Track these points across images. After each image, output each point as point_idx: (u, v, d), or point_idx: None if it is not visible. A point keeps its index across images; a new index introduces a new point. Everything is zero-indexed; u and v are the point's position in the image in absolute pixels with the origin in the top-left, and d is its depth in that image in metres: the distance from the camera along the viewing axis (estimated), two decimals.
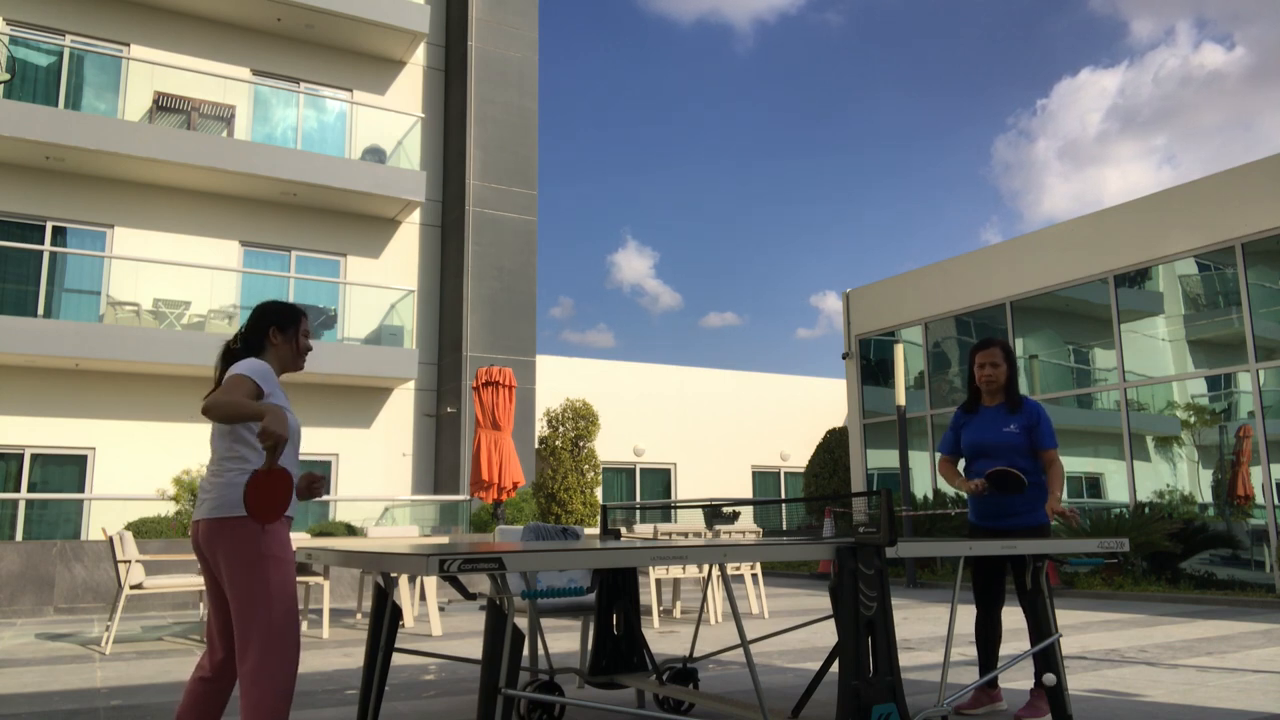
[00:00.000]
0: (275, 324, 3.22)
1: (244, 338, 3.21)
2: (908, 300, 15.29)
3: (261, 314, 3.24)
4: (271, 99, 15.95)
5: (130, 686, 5.30)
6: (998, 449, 4.40)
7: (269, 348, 3.21)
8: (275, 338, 3.21)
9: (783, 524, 22.84)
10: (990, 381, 4.49)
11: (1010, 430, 4.40)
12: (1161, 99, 53.05)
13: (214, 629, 3.05)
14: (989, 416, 4.50)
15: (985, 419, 4.50)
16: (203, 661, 3.04)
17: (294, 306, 3.30)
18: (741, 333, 50.90)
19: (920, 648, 6.53)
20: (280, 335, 3.22)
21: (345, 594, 10.92)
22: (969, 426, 4.56)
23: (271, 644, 2.82)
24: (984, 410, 4.55)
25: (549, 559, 2.68)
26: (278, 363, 3.23)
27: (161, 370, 14.05)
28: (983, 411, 4.54)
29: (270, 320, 3.22)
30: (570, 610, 4.62)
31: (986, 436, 4.45)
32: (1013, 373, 4.52)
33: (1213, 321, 11.49)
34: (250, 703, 2.78)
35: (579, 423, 16.70)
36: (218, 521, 2.90)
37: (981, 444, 4.46)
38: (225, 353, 3.21)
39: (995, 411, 4.49)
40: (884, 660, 3.15)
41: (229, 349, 3.21)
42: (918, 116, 56.40)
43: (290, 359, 3.25)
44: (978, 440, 4.48)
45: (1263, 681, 5.01)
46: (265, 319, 3.22)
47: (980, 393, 4.59)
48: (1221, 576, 10.79)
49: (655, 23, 56.93)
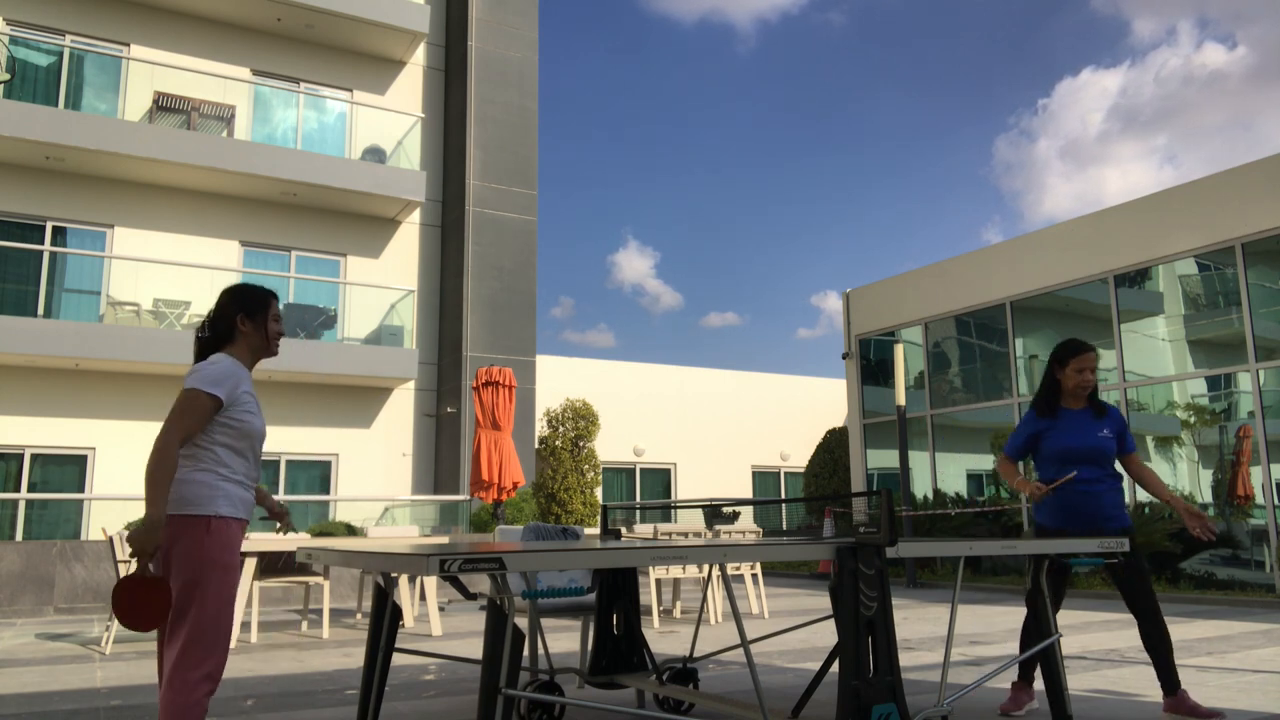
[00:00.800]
0: (243, 310, 3.02)
1: (211, 325, 3.02)
2: (908, 300, 15.29)
3: (227, 300, 3.02)
4: (271, 99, 15.95)
5: (130, 686, 5.30)
6: (1093, 454, 4.26)
7: (238, 336, 3.02)
8: (244, 325, 3.01)
9: (783, 524, 22.84)
10: (1086, 385, 4.34)
11: (1104, 435, 4.28)
12: (1163, 99, 53.08)
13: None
14: (1076, 421, 4.33)
15: (1072, 423, 4.33)
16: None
17: (262, 289, 3.09)
18: (742, 333, 50.94)
19: (920, 648, 6.53)
20: (249, 322, 3.02)
21: (345, 594, 10.92)
22: (1054, 431, 4.35)
23: (198, 640, 2.77)
24: (1066, 413, 4.36)
25: (549, 559, 2.68)
26: (248, 352, 3.04)
27: (161, 370, 14.05)
28: (1065, 415, 4.36)
29: (237, 306, 3.01)
30: (570, 610, 4.62)
31: (1079, 441, 4.28)
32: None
33: (1213, 321, 11.49)
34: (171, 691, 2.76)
35: (579, 423, 16.70)
36: (176, 517, 2.83)
37: (1073, 449, 4.28)
38: (197, 340, 3.05)
39: (1081, 416, 4.34)
40: (884, 660, 3.15)
41: (198, 337, 3.04)
42: (919, 116, 56.43)
43: (261, 347, 3.06)
44: (1068, 445, 4.29)
45: (1263, 681, 5.01)
46: (231, 305, 3.01)
47: (1060, 396, 4.41)
48: (1221, 576, 10.79)
49: (657, 23, 56.97)
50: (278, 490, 14.98)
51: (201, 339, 3.04)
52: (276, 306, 3.11)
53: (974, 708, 4.41)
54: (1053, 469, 4.35)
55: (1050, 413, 4.40)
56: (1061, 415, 4.38)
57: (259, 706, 4.65)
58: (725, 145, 56.62)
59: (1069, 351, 4.39)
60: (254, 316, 3.03)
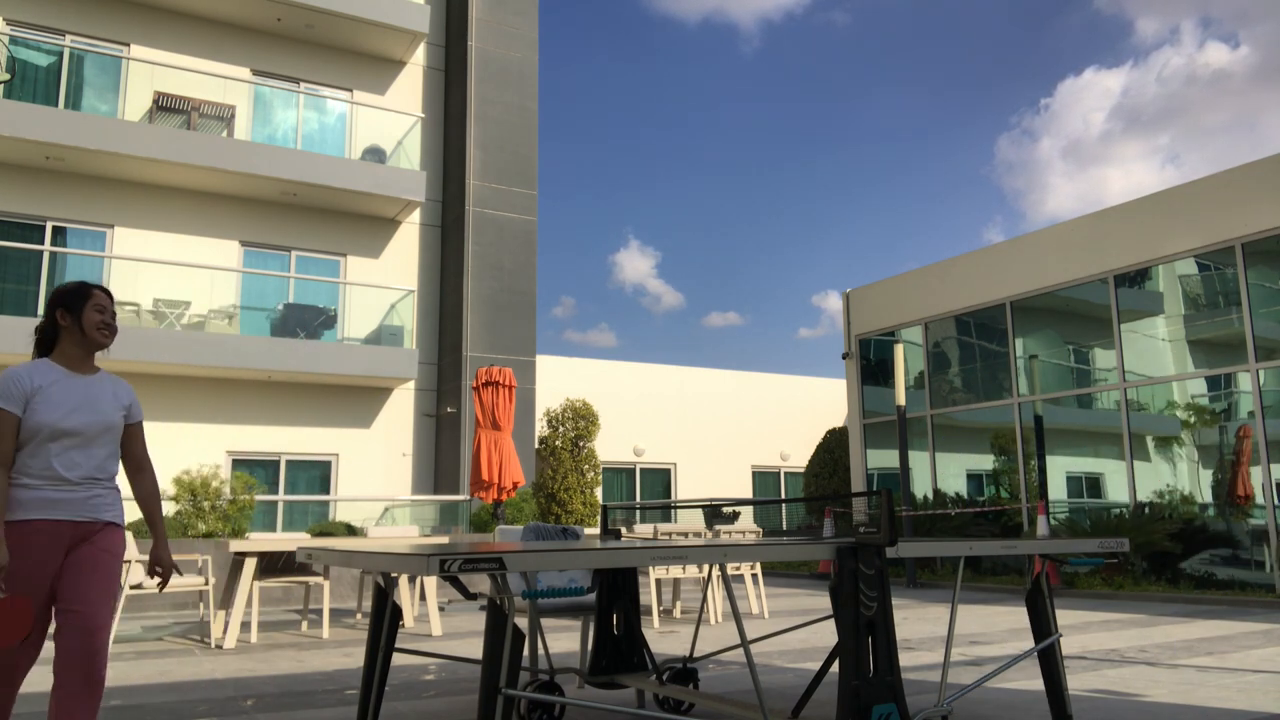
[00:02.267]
0: (62, 305, 3.10)
1: (39, 327, 3.15)
2: (908, 300, 15.29)
3: (50, 301, 3.14)
4: (271, 99, 15.95)
5: (130, 686, 5.30)
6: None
7: (61, 331, 3.11)
8: (64, 319, 3.10)
9: (783, 524, 22.84)
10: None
11: None
12: (1166, 98, 53.07)
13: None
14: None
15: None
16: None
17: (82, 284, 3.15)
18: (744, 333, 50.92)
19: (920, 648, 6.53)
20: (68, 316, 3.09)
21: (345, 594, 10.92)
22: None
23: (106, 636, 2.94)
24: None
25: (549, 559, 2.68)
26: (74, 346, 3.11)
27: (161, 370, 14.05)
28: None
29: (57, 304, 3.11)
30: (570, 610, 4.62)
31: None
32: None
33: (1213, 321, 11.50)
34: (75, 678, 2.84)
35: (579, 423, 16.70)
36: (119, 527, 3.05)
37: None
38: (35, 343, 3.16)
39: None
40: (884, 660, 3.15)
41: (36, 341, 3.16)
42: (921, 115, 56.42)
43: (80, 339, 3.11)
44: None
45: (1263, 681, 5.01)
46: (52, 304, 3.12)
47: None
48: (1221, 576, 10.79)
49: (660, 22, 56.95)
50: (278, 490, 14.99)
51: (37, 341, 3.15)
52: (101, 298, 3.15)
53: (974, 708, 4.41)
54: None
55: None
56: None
57: (259, 706, 4.65)
58: (727, 144, 56.64)
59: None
60: (72, 309, 3.10)
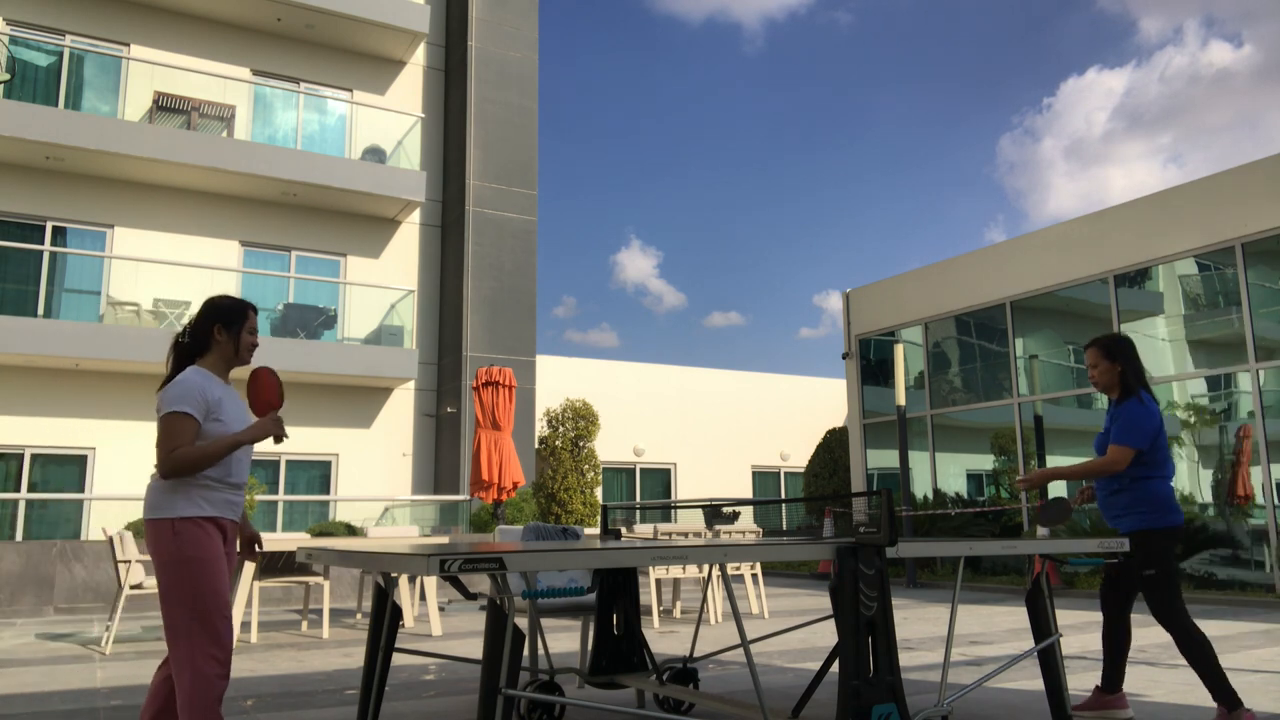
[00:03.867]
0: (220, 321, 3.20)
1: (190, 332, 3.21)
2: (908, 300, 15.29)
3: (208, 310, 3.22)
4: (272, 99, 15.95)
5: (130, 686, 5.30)
6: (1102, 447, 4.27)
7: (213, 345, 3.20)
8: (220, 335, 3.20)
9: (783, 524, 22.84)
10: (1095, 383, 4.34)
11: (1106, 428, 4.26)
12: (1169, 97, 53.06)
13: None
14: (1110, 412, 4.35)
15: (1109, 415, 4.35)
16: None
17: (241, 302, 3.27)
18: (745, 332, 50.92)
19: (920, 648, 6.53)
20: (225, 333, 3.20)
21: (345, 594, 10.92)
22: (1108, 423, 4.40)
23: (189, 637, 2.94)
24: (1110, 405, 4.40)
25: (549, 559, 2.68)
26: (221, 361, 3.22)
27: (162, 370, 14.00)
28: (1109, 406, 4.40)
29: (216, 317, 3.21)
30: (570, 610, 4.62)
31: (1101, 435, 4.33)
32: (1124, 365, 4.25)
33: (1213, 321, 11.49)
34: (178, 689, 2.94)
35: (579, 423, 16.70)
36: (147, 522, 3.05)
37: (1098, 442, 4.34)
38: (174, 346, 3.22)
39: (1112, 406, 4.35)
40: (884, 660, 3.15)
41: (178, 343, 3.22)
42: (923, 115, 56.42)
43: (232, 356, 3.23)
44: (1098, 439, 4.36)
45: (1263, 681, 5.01)
46: (211, 316, 3.21)
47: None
48: (1221, 576, 10.79)
49: (664, 22, 56.93)
50: (277, 490, 14.99)
51: (180, 344, 3.21)
52: (254, 320, 3.30)
53: (974, 708, 4.41)
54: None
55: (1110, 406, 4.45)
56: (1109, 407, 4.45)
57: (259, 706, 4.65)
58: (729, 144, 56.62)
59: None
60: (230, 327, 3.21)
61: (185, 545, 2.98)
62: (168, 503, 3.00)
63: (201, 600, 2.95)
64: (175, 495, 3.01)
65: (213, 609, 2.97)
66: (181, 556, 2.97)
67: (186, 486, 3.02)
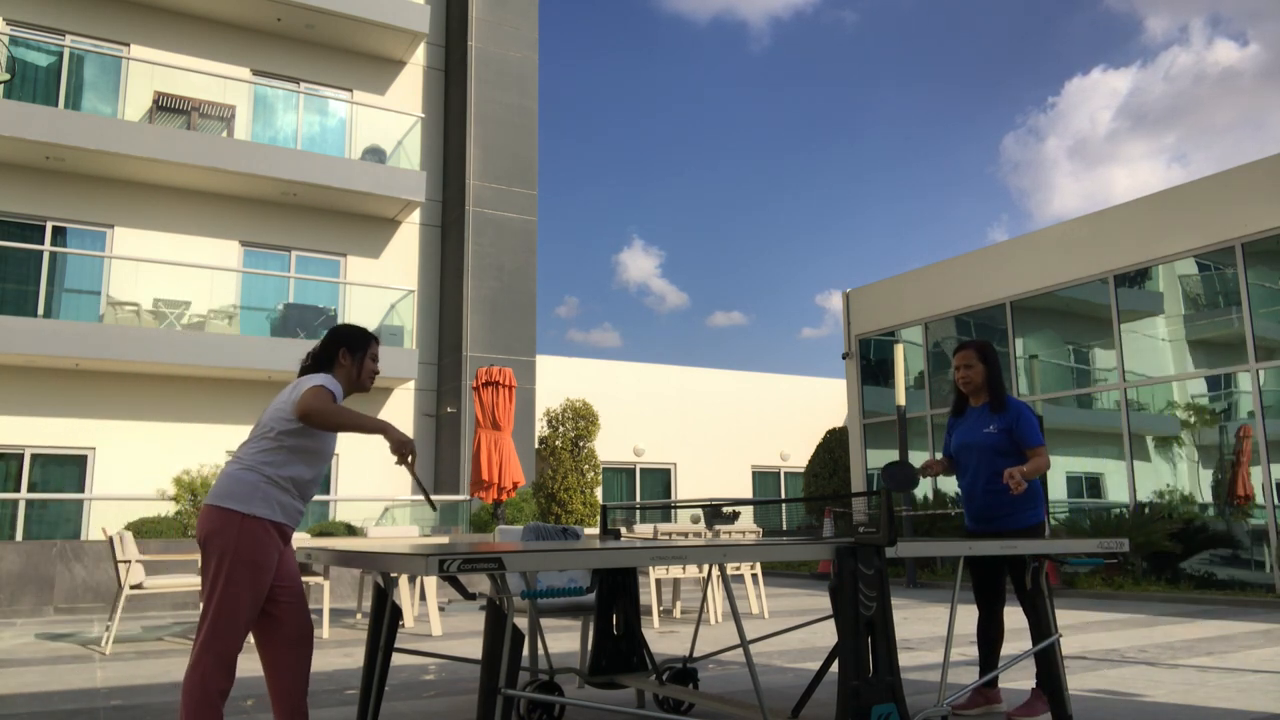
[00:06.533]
0: (345, 346, 3.39)
1: (315, 356, 3.40)
2: (908, 300, 15.29)
3: (334, 336, 3.41)
4: (271, 99, 15.95)
5: (130, 686, 5.30)
6: (978, 449, 4.38)
7: (338, 368, 3.38)
8: (344, 359, 3.38)
9: (783, 524, 22.84)
10: (967, 383, 4.49)
11: (989, 431, 4.37)
12: (1173, 97, 53.04)
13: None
14: (973, 417, 4.50)
15: (970, 420, 4.51)
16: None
17: (365, 331, 3.46)
18: (747, 332, 50.91)
19: (920, 648, 6.53)
20: (349, 357, 3.39)
21: (345, 594, 10.92)
22: (957, 428, 4.57)
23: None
24: (970, 411, 4.55)
25: (549, 559, 2.68)
26: (345, 383, 3.39)
27: (161, 370, 14.05)
28: (969, 413, 4.55)
29: (341, 342, 3.39)
30: (570, 610, 4.62)
31: (968, 438, 4.45)
32: (993, 372, 4.46)
33: (1213, 321, 11.49)
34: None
35: (579, 423, 16.69)
36: (212, 507, 3.07)
37: (964, 444, 4.46)
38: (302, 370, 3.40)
39: (979, 412, 4.48)
40: (884, 660, 3.15)
41: (304, 367, 3.42)
42: (927, 114, 56.41)
43: (354, 381, 3.41)
44: (961, 441, 4.49)
45: (1263, 681, 5.01)
46: (337, 341, 3.40)
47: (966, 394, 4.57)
48: (1221, 576, 10.79)
49: (669, 21, 56.90)
50: None
51: (306, 368, 3.41)
52: (376, 348, 3.49)
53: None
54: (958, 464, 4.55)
55: (956, 411, 4.63)
56: (966, 414, 4.57)
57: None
58: (730, 144, 56.61)
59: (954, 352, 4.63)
60: (355, 353, 3.41)
61: (245, 545, 3.03)
62: (244, 496, 3.05)
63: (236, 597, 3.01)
64: (254, 492, 3.07)
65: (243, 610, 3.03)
66: (239, 556, 3.02)
67: (268, 487, 3.09)
